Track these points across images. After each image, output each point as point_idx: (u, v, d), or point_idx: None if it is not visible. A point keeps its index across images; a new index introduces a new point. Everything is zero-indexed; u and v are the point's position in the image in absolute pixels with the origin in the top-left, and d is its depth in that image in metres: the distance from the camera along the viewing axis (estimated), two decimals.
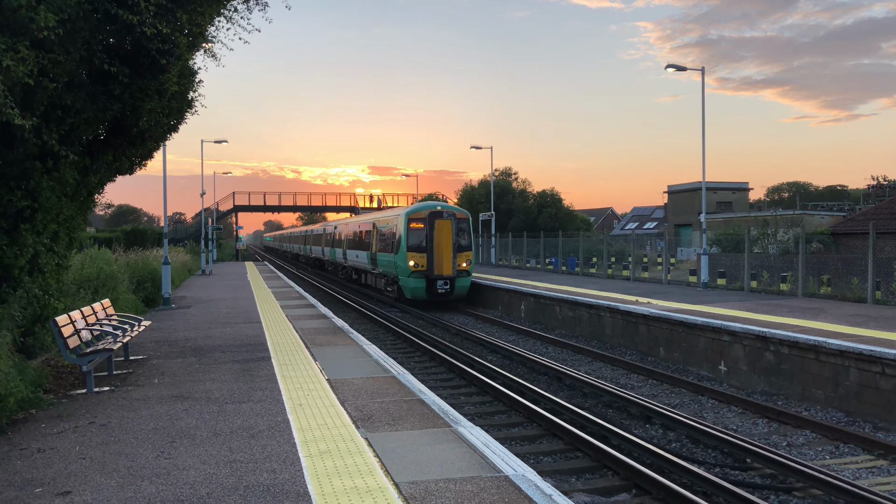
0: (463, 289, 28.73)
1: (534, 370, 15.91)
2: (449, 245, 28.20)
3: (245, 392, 9.88)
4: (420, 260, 27.94)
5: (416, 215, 28.53)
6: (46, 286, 11.77)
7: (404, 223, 28.28)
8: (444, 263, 28.13)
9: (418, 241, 28.09)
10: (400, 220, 28.95)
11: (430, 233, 27.97)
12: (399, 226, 28.85)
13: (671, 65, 25.36)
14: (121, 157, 14.23)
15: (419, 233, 28.13)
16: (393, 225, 30.07)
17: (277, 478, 6.35)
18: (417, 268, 27.88)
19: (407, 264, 28.03)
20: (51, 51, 9.30)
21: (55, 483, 6.36)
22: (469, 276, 28.81)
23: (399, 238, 28.58)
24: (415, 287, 28.01)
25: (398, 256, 28.55)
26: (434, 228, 28.02)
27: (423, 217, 28.37)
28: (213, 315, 19.84)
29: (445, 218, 28.42)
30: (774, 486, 8.57)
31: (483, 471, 6.45)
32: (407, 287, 28.32)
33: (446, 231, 28.25)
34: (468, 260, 28.75)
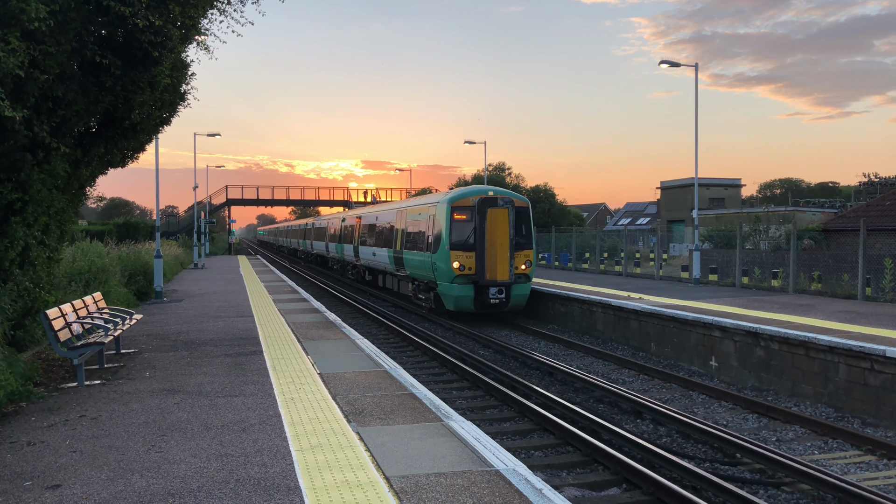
0: (521, 298, 22.31)
1: (526, 365, 15.94)
2: (505, 241, 21.78)
3: (237, 386, 9.87)
4: (467, 261, 21.65)
5: (462, 203, 22.17)
6: (37, 279, 11.72)
7: (446, 213, 22.08)
8: (499, 265, 21.70)
9: (464, 236, 21.92)
10: (439, 210, 22.72)
11: (481, 225, 21.58)
12: (438, 217, 22.75)
13: (665, 61, 25.42)
14: (113, 150, 14.17)
15: (465, 226, 21.95)
16: (428, 216, 23.85)
17: (268, 471, 6.36)
18: (463, 271, 21.59)
19: (449, 266, 21.71)
20: (42, 42, 9.24)
21: (45, 476, 6.35)
22: (529, 282, 22.49)
23: (438, 233, 22.52)
24: (460, 296, 21.72)
25: (437, 256, 22.33)
26: (486, 220, 21.61)
27: (470, 205, 22.02)
28: (206, 309, 19.79)
29: (501, 206, 21.90)
30: (763, 481, 8.63)
31: (474, 465, 6.47)
32: (449, 295, 22.01)
33: (501, 223, 21.85)
34: (528, 261, 22.38)
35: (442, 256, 21.99)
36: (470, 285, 21.68)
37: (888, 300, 18.64)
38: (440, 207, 22.70)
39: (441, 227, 22.25)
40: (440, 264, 22.09)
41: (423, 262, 23.73)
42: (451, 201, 22.17)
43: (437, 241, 22.40)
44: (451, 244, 21.76)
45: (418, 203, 26.34)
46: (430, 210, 23.84)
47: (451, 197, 22.45)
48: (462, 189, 23.51)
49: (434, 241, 22.64)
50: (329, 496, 5.74)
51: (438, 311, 23.90)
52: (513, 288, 21.91)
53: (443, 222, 22.20)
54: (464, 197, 22.30)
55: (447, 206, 22.12)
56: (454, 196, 22.46)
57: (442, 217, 22.32)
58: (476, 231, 21.70)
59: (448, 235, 21.84)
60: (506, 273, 21.70)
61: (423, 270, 23.88)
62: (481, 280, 21.59)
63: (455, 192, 23.20)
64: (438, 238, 22.32)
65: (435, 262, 22.44)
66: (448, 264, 21.77)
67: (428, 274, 23.41)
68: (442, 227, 22.17)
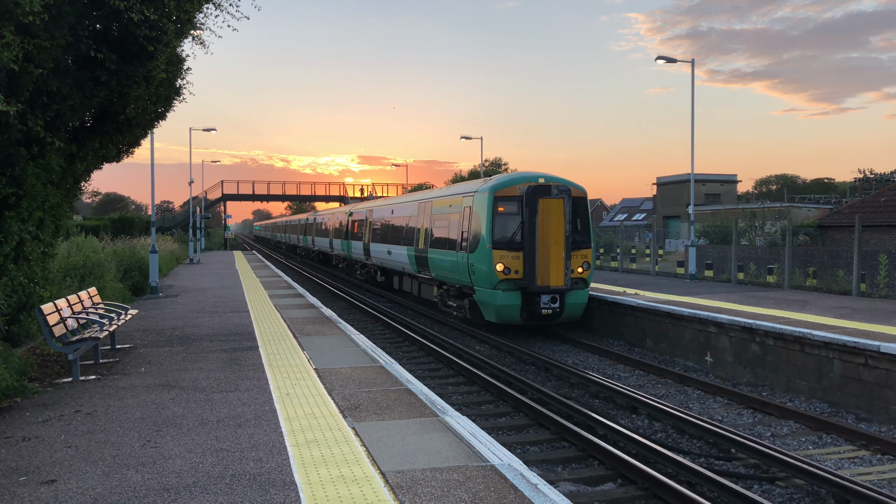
0: (577, 308, 18.48)
1: (521, 360, 15.97)
2: (560, 238, 17.87)
3: (232, 381, 9.87)
4: (513, 262, 17.89)
5: (507, 192, 18.31)
6: (32, 274, 11.69)
7: (487, 205, 18.28)
8: (553, 268, 17.82)
9: (510, 232, 18.08)
10: (478, 202, 18.90)
11: (531, 219, 17.81)
12: (476, 209, 18.90)
13: (661, 56, 25.40)
14: (108, 145, 14.13)
15: (511, 220, 18.25)
16: (461, 209, 20.03)
17: (264, 466, 6.36)
18: (508, 274, 17.83)
19: (491, 269, 17.90)
20: (36, 36, 9.20)
21: (40, 471, 6.34)
22: (587, 289, 18.73)
23: (476, 228, 18.72)
24: (504, 305, 17.89)
25: (475, 257, 18.48)
26: (536, 213, 17.82)
27: (517, 195, 18.18)
28: (201, 304, 19.77)
29: (555, 196, 17.97)
30: (758, 476, 8.66)
31: (469, 460, 6.48)
32: (490, 304, 18.17)
33: (556, 216, 17.95)
34: (586, 262, 18.57)
35: (482, 257, 18.19)
36: (516, 292, 17.85)
37: (882, 296, 18.70)
38: (479, 198, 18.79)
39: (480, 222, 18.47)
40: (479, 266, 18.28)
41: (456, 263, 19.88)
42: (493, 190, 18.28)
43: (474, 238, 18.65)
44: (494, 242, 17.94)
45: (448, 193, 22.18)
46: (464, 201, 19.93)
47: (493, 185, 18.51)
48: (505, 176, 19.31)
49: (471, 239, 18.86)
50: (325, 491, 5.74)
51: (473, 322, 20.15)
52: (568, 295, 18.11)
53: (483, 215, 18.38)
54: (509, 185, 18.39)
55: (489, 196, 18.23)
56: (497, 184, 18.54)
57: (482, 209, 18.49)
58: (524, 226, 17.89)
59: (490, 231, 18.03)
60: (560, 277, 17.83)
61: (455, 273, 20.08)
62: (531, 286, 17.67)
63: (497, 179, 19.13)
64: (477, 235, 18.52)
65: (472, 264, 18.61)
66: (490, 266, 17.93)
67: (461, 277, 19.64)
68: (481, 222, 18.39)
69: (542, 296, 17.80)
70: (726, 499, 7.72)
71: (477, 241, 18.47)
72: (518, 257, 17.90)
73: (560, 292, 17.91)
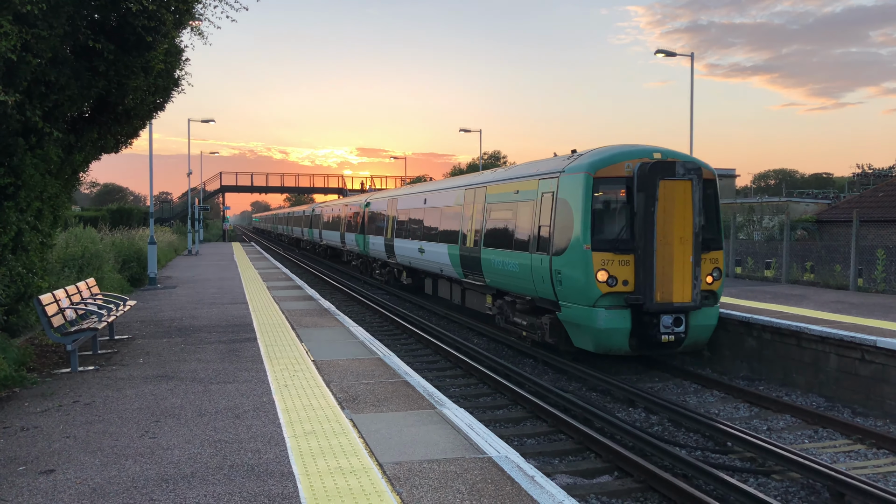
0: (705, 332, 13.51)
1: (520, 352, 15.99)
2: (687, 236, 12.92)
3: (230, 372, 9.89)
4: (621, 270, 12.97)
5: (610, 171, 13.25)
6: (30, 264, 11.68)
7: (583, 190, 13.18)
8: (678, 277, 12.89)
9: (615, 227, 13.19)
10: (567, 185, 13.72)
11: (647, 209, 12.76)
12: (564, 195, 13.73)
13: (661, 50, 25.36)
14: (106, 135, 14.11)
15: (616, 210, 13.34)
16: (538, 195, 14.79)
17: (262, 457, 6.38)
18: (614, 286, 12.90)
19: (591, 278, 12.87)
20: (34, 26, 9.17)
21: (39, 461, 6.36)
22: (717, 305, 13.76)
23: (563, 221, 13.59)
24: (608, 329, 12.86)
25: (564, 261, 13.41)
26: (656, 200, 12.78)
27: (623, 176, 13.23)
28: (199, 295, 19.78)
29: (681, 177, 12.93)
30: (754, 470, 8.70)
31: (467, 452, 6.51)
32: (588, 328, 13.06)
33: (682, 205, 12.95)
34: (717, 269, 13.72)
35: (574, 261, 13.06)
36: (625, 311, 12.79)
37: (879, 291, 18.74)
38: (569, 181, 13.60)
39: (571, 213, 13.29)
40: (570, 274, 13.16)
41: (528, 268, 14.71)
42: (592, 168, 13.14)
43: (562, 235, 13.51)
44: (594, 241, 12.86)
45: (512, 176, 16.78)
46: (541, 185, 14.75)
47: (591, 162, 13.30)
48: (603, 150, 13.76)
49: (555, 236, 13.71)
50: (322, 482, 5.77)
51: (553, 348, 14.86)
52: (694, 315, 13.09)
53: (576, 204, 13.20)
54: (613, 161, 13.25)
55: (585, 177, 13.11)
56: (596, 160, 13.31)
57: (574, 195, 13.30)
58: (637, 219, 12.88)
59: (587, 226, 12.89)
60: (687, 290, 12.81)
61: (527, 282, 14.91)
62: (647, 302, 12.65)
63: (593, 154, 13.74)
64: (566, 230, 13.37)
65: (558, 271, 13.50)
66: (587, 275, 12.80)
67: (538, 288, 14.45)
68: (574, 213, 13.22)
69: (662, 316, 12.76)
70: (722, 492, 7.76)
71: (566, 239, 13.35)
72: (627, 262, 12.88)
73: (685, 310, 12.95)
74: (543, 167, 15.29)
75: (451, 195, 20.88)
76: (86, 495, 5.54)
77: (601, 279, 12.84)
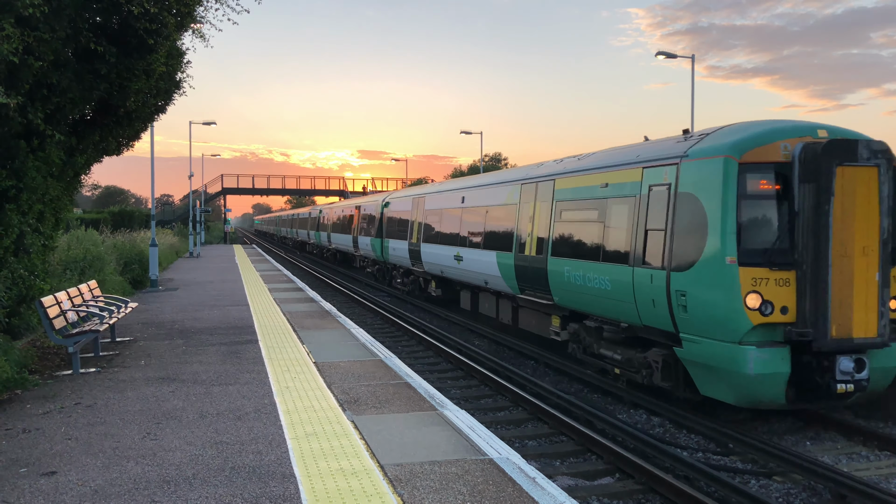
0: (887, 376, 9.88)
1: (522, 354, 15.98)
2: (872, 245, 9.42)
3: (232, 374, 9.89)
4: (779, 293, 9.40)
5: (761, 155, 9.67)
6: (32, 267, 11.70)
7: (721, 179, 9.60)
8: (859, 302, 9.34)
9: (772, 233, 9.63)
10: (696, 174, 10.11)
11: (819, 206, 9.28)
12: (691, 187, 10.13)
13: (661, 52, 25.38)
14: (108, 138, 14.14)
15: (771, 208, 9.72)
16: (642, 188, 11.28)
17: (263, 459, 6.38)
18: (769, 314, 9.31)
19: (736, 303, 9.29)
20: (36, 28, 9.19)
21: (41, 463, 6.36)
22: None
23: (691, 223, 10.04)
24: (760, 374, 9.17)
25: (693, 278, 9.82)
26: (832, 194, 9.23)
27: (779, 160, 9.69)
28: (201, 297, 19.79)
29: (865, 163, 9.34)
30: (755, 471, 8.69)
31: (468, 454, 6.51)
32: (732, 373, 9.40)
33: (864, 201, 9.41)
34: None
35: (711, 279, 9.61)
36: (784, 349, 9.32)
37: None
38: (697, 168, 10.11)
39: (703, 212, 9.80)
40: (705, 297, 9.66)
41: (633, 287, 11.03)
42: (736, 150, 9.65)
43: (686, 242, 10.03)
44: (742, 252, 9.43)
45: (598, 164, 12.96)
46: (650, 175, 11.10)
47: (735, 142, 9.81)
48: (746, 126, 10.34)
49: (677, 244, 10.18)
50: (324, 483, 5.77)
51: (667, 393, 11.23)
52: (874, 356, 9.55)
53: (710, 199, 9.72)
54: (764, 141, 9.79)
55: (724, 163, 9.64)
56: (742, 139, 9.84)
57: (707, 187, 9.83)
58: (802, 221, 9.50)
59: (731, 231, 9.46)
60: (872, 321, 9.41)
61: (627, 304, 11.26)
62: (819, 339, 9.21)
63: (733, 130, 10.33)
64: (695, 236, 9.88)
65: (684, 292, 9.94)
66: (732, 299, 9.37)
67: (646, 313, 10.83)
68: (706, 212, 9.74)
69: (839, 358, 9.19)
70: (724, 493, 7.75)
71: (695, 249, 9.81)
72: (787, 282, 9.42)
73: (865, 347, 9.37)
74: (648, 152, 11.51)
75: (501, 192, 17.06)
76: (87, 497, 5.55)
77: (752, 305, 9.22)
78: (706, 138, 10.47)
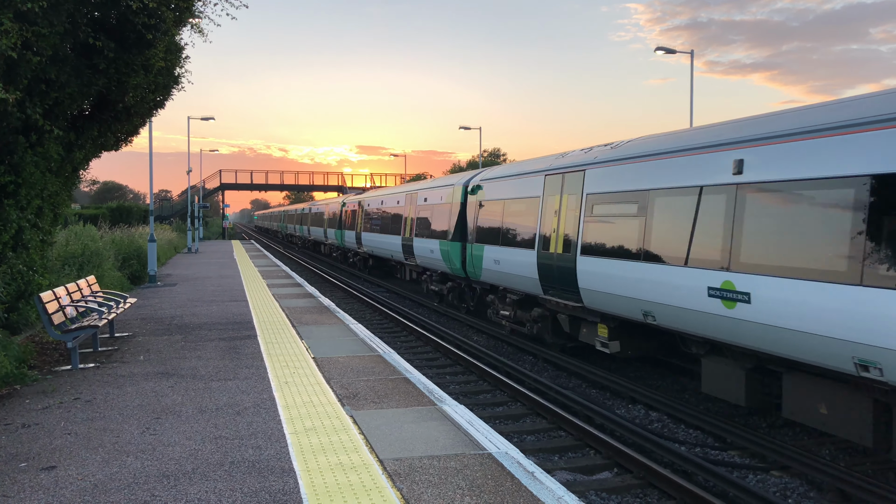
0: None
1: (520, 349, 16.00)
2: None
3: (231, 369, 9.90)
4: None
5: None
6: (31, 262, 11.70)
7: None
8: None
9: None
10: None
11: None
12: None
13: (661, 47, 25.36)
14: (106, 133, 14.13)
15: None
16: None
17: (262, 454, 6.40)
18: None
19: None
20: (34, 23, 9.18)
21: (40, 458, 6.37)
22: None
23: None
24: None
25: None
26: None
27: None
28: (199, 293, 19.79)
29: None
30: (754, 466, 8.72)
31: (467, 448, 6.52)
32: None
33: None
34: None
35: None
36: None
37: None
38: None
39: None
40: None
41: None
42: None
43: None
44: None
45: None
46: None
47: None
48: None
49: None
50: (323, 478, 5.78)
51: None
52: None
53: None
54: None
55: None
56: None
57: None
58: None
59: None
60: None
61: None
62: None
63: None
64: None
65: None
66: None
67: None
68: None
69: None
70: (722, 488, 7.77)
71: None
72: None
73: None
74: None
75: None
76: (87, 491, 5.56)
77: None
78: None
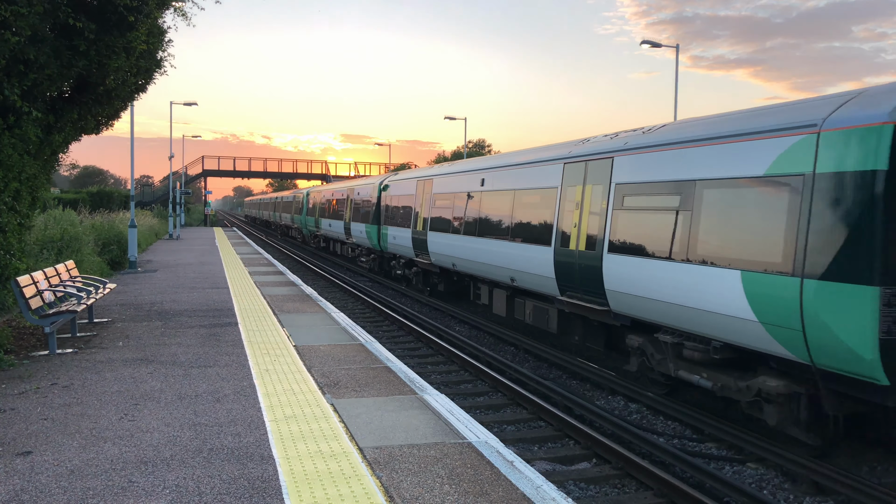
0: None
1: (502, 340, 16.05)
2: None
3: (211, 357, 9.84)
4: None
5: None
6: (7, 246, 11.53)
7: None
8: None
9: None
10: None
11: None
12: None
13: (646, 41, 25.41)
14: (86, 116, 13.92)
15: None
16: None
17: (242, 441, 6.37)
18: None
19: None
20: (13, 2, 9.02)
21: (16, 443, 6.30)
22: None
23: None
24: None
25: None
26: None
27: None
28: (180, 279, 19.64)
29: None
30: (730, 458, 8.81)
31: (447, 437, 6.54)
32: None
33: None
34: None
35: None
36: None
37: None
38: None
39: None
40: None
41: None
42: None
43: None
44: None
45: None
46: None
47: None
48: None
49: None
50: (302, 466, 5.77)
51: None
52: None
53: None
54: None
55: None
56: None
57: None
58: None
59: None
60: None
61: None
62: None
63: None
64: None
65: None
66: None
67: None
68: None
69: None
70: (699, 479, 7.86)
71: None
72: None
73: None
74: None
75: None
76: (64, 476, 5.51)
77: None
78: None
